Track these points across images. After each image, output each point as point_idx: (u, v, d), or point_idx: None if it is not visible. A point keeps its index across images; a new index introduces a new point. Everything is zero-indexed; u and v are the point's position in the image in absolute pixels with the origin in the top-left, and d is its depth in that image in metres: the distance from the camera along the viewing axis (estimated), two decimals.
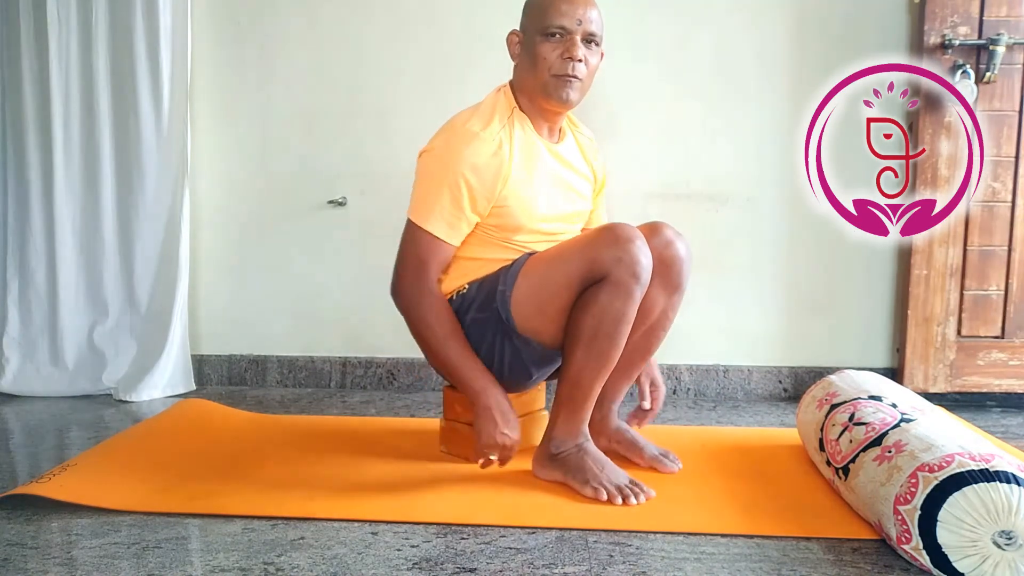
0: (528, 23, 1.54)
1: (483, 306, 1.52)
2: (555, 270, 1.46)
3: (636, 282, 1.39)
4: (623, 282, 1.39)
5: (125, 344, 2.40)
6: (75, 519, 1.36)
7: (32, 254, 2.40)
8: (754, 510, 1.40)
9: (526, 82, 1.55)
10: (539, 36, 1.50)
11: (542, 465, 1.53)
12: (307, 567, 1.18)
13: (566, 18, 1.48)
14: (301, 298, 2.45)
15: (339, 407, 2.22)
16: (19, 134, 2.38)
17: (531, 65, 1.52)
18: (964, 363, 2.20)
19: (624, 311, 1.41)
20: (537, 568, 1.18)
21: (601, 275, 1.40)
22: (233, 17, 2.38)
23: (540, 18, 1.50)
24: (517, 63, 1.58)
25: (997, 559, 1.10)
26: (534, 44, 1.51)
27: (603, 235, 1.42)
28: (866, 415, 1.43)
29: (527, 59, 1.54)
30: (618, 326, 1.42)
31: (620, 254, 1.38)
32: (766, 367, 2.34)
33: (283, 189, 2.41)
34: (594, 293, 1.41)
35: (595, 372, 1.45)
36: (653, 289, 1.50)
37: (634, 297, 1.41)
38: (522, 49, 1.56)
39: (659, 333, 1.61)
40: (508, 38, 1.59)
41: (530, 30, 1.53)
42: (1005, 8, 2.11)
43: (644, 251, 1.41)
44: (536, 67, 1.51)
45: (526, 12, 1.57)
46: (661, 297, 1.55)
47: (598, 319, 1.41)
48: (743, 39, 2.26)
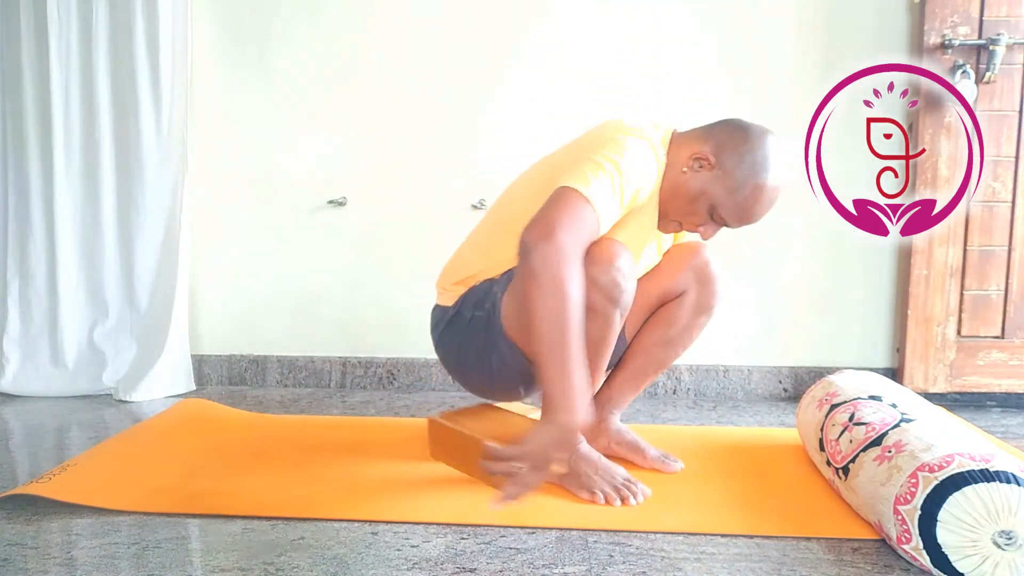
0: (720, 183, 1.41)
1: (479, 305, 1.51)
2: None
3: (613, 306, 1.36)
4: (599, 306, 1.34)
5: (125, 344, 2.40)
6: (75, 519, 1.36)
7: (32, 254, 2.40)
8: (754, 510, 1.40)
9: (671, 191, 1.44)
10: (711, 206, 1.42)
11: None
12: (307, 567, 1.18)
13: (738, 225, 1.44)
14: (301, 298, 2.45)
15: (339, 407, 2.22)
16: (19, 134, 2.38)
17: (686, 202, 1.43)
18: (964, 363, 2.20)
19: (603, 335, 1.39)
20: (537, 568, 1.18)
21: None
22: (233, 17, 2.38)
23: (729, 205, 1.41)
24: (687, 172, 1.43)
25: (997, 559, 1.10)
26: (703, 201, 1.42)
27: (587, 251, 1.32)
28: (866, 415, 1.43)
29: (687, 194, 1.43)
30: (597, 350, 1.40)
31: (597, 275, 1.32)
32: (766, 367, 2.34)
33: (283, 189, 2.41)
34: None
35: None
36: (683, 307, 1.53)
37: (612, 321, 1.38)
38: (694, 177, 1.42)
39: (678, 348, 1.60)
40: (698, 149, 1.43)
41: (715, 189, 1.41)
42: (1005, 8, 2.11)
43: (623, 272, 1.35)
44: (684, 209, 1.44)
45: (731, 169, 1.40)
46: (687, 315, 1.56)
47: None
48: (743, 39, 2.26)
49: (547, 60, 2.28)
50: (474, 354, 1.52)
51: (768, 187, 1.40)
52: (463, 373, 1.61)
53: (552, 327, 1.21)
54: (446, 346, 1.59)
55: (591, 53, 2.28)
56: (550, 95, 2.29)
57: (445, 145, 2.34)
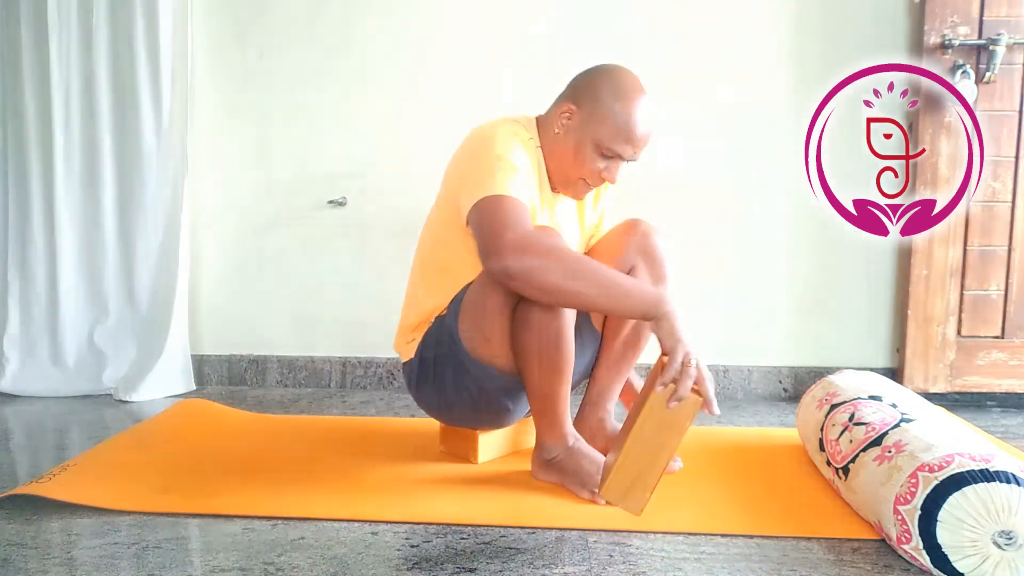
0: (592, 120, 1.45)
1: (439, 342, 1.52)
2: (487, 295, 1.42)
3: None
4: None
5: (125, 344, 2.40)
6: (75, 519, 1.36)
7: (33, 254, 2.40)
8: (754, 510, 1.40)
9: (556, 157, 1.51)
10: (593, 145, 1.45)
11: (540, 469, 1.53)
12: (307, 567, 1.18)
13: (629, 151, 1.46)
14: (301, 298, 2.45)
15: (339, 407, 2.22)
16: (20, 134, 2.38)
17: (570, 158, 1.48)
18: (964, 363, 2.20)
19: (560, 320, 1.39)
20: (537, 568, 1.18)
21: None
22: (233, 17, 2.39)
23: (605, 133, 1.44)
24: (559, 134, 1.49)
25: (997, 559, 1.10)
26: (584, 146, 1.46)
27: None
28: (866, 415, 1.43)
29: (571, 148, 1.47)
30: (559, 336, 1.40)
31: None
32: (766, 367, 2.34)
33: (283, 189, 2.42)
34: (527, 310, 1.39)
35: (554, 382, 1.43)
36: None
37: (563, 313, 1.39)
38: (571, 131, 1.47)
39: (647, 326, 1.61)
40: (561, 108, 1.49)
41: (590, 128, 1.45)
42: (1005, 8, 2.11)
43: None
44: (574, 166, 1.48)
45: (593, 105, 1.45)
46: None
47: (539, 335, 1.39)
48: (743, 39, 2.26)
49: (547, 61, 2.28)
50: (452, 389, 1.53)
51: (634, 99, 1.45)
52: (449, 411, 1.60)
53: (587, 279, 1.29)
54: (426, 394, 1.60)
55: (590, 53, 2.27)
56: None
57: (445, 145, 2.34)
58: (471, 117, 2.21)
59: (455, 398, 1.54)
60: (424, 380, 1.57)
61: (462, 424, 1.64)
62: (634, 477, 1.25)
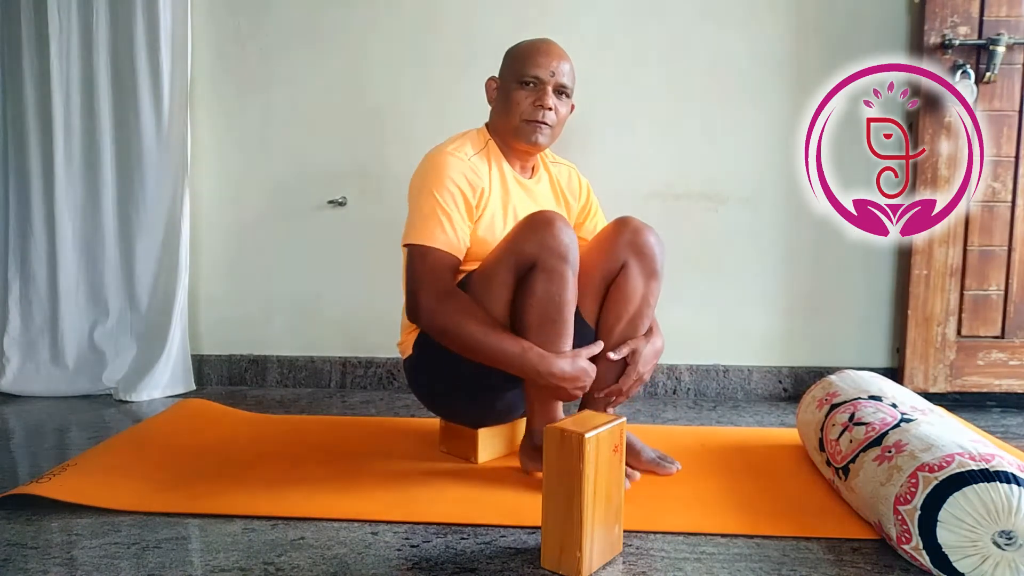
0: (506, 71, 1.64)
1: None
2: (489, 276, 1.48)
3: (564, 262, 1.43)
4: (553, 266, 1.42)
5: (125, 344, 2.40)
6: (75, 519, 1.36)
7: (33, 254, 2.40)
8: (754, 510, 1.40)
9: (500, 124, 1.64)
10: (515, 84, 1.60)
11: (529, 457, 1.55)
12: (307, 567, 1.18)
13: (541, 69, 1.58)
14: (301, 298, 2.45)
15: (339, 407, 2.22)
16: (20, 134, 2.38)
17: (505, 109, 1.62)
18: (964, 363, 2.20)
19: (562, 293, 1.44)
20: (537, 568, 1.18)
21: (529, 263, 1.43)
22: (233, 17, 2.38)
23: (517, 67, 1.60)
24: (493, 106, 1.67)
25: (997, 559, 1.10)
26: (510, 90, 1.61)
27: (523, 226, 1.46)
28: (866, 415, 1.43)
29: (502, 103, 1.63)
30: (561, 310, 1.44)
31: (542, 238, 1.42)
32: (766, 367, 2.34)
33: (283, 189, 2.41)
34: (529, 284, 1.44)
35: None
36: (632, 277, 1.52)
37: (567, 278, 1.43)
38: (499, 94, 1.65)
39: (642, 319, 1.60)
40: (487, 83, 1.68)
41: (507, 77, 1.63)
42: (1005, 8, 2.11)
43: (565, 231, 1.43)
44: (510, 112, 1.61)
45: (505, 61, 1.65)
46: (640, 284, 1.55)
47: (540, 308, 1.44)
48: (743, 39, 2.26)
49: None
50: (455, 382, 1.56)
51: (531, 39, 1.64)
52: (452, 405, 1.63)
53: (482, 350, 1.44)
54: (427, 388, 1.63)
55: (591, 53, 2.27)
56: None
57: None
58: (471, 117, 2.22)
59: (459, 390, 1.56)
60: (425, 371, 1.59)
61: (463, 419, 1.65)
62: (560, 538, 1.16)
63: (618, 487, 1.21)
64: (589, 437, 1.13)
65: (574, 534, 1.14)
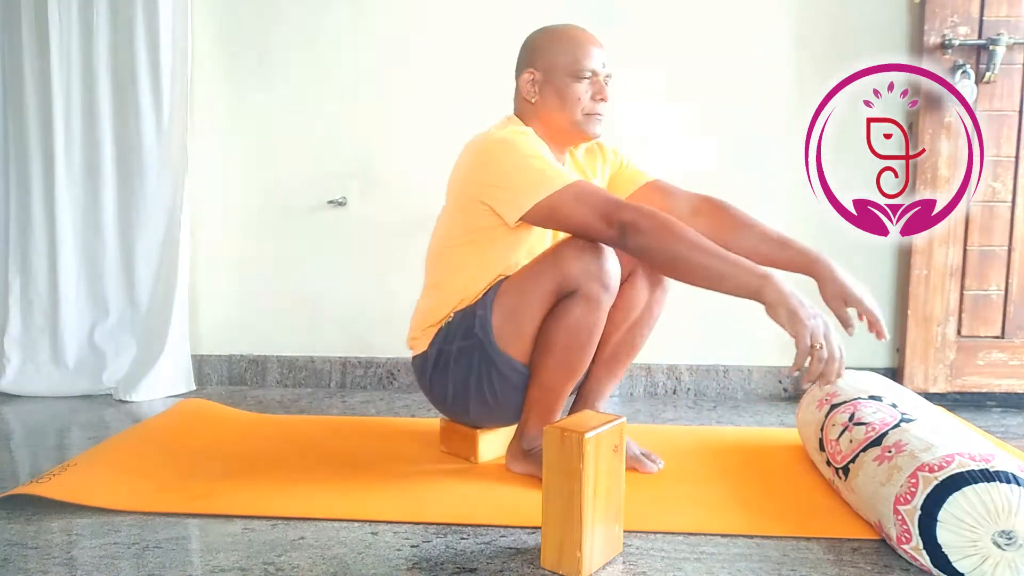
0: (552, 64, 1.56)
1: (466, 334, 1.53)
2: (528, 290, 1.47)
3: (606, 292, 1.43)
4: (594, 295, 1.42)
5: (125, 344, 2.40)
6: (75, 519, 1.36)
7: (33, 254, 2.40)
8: (754, 510, 1.40)
9: (554, 118, 1.57)
10: (569, 78, 1.54)
11: (516, 459, 1.56)
12: (307, 567, 1.18)
13: (594, 60, 1.56)
14: (301, 298, 2.45)
15: (339, 407, 2.22)
16: (21, 134, 2.38)
17: (560, 104, 1.56)
18: (964, 363, 2.20)
19: (596, 322, 1.44)
20: (537, 568, 1.18)
21: (572, 289, 1.42)
22: (233, 17, 2.38)
23: (570, 61, 1.54)
24: (537, 101, 1.58)
25: (997, 559, 1.10)
26: (564, 85, 1.55)
27: (569, 249, 1.42)
28: (866, 415, 1.43)
29: (555, 99, 1.56)
30: (590, 337, 1.45)
31: (588, 266, 1.41)
32: (766, 367, 2.34)
33: (283, 189, 2.41)
34: (567, 307, 1.43)
35: (565, 379, 1.49)
36: (636, 287, 1.53)
37: (604, 307, 1.44)
38: (543, 88, 1.57)
39: (644, 329, 1.62)
40: (521, 81, 1.59)
41: (557, 71, 1.55)
42: (1005, 8, 2.11)
43: (612, 259, 1.43)
44: (567, 106, 1.55)
45: (543, 54, 1.57)
46: (644, 292, 1.56)
47: (571, 333, 1.44)
48: (743, 39, 2.26)
49: None
50: (473, 382, 1.54)
51: (563, 26, 1.60)
52: (464, 405, 1.60)
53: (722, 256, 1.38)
54: (440, 386, 1.60)
55: None
56: None
57: (445, 145, 2.34)
58: (471, 117, 2.21)
59: (474, 392, 1.55)
60: (441, 371, 1.57)
61: (470, 419, 1.64)
62: (560, 538, 1.16)
63: (618, 487, 1.21)
64: (589, 437, 1.13)
65: (574, 534, 1.14)
